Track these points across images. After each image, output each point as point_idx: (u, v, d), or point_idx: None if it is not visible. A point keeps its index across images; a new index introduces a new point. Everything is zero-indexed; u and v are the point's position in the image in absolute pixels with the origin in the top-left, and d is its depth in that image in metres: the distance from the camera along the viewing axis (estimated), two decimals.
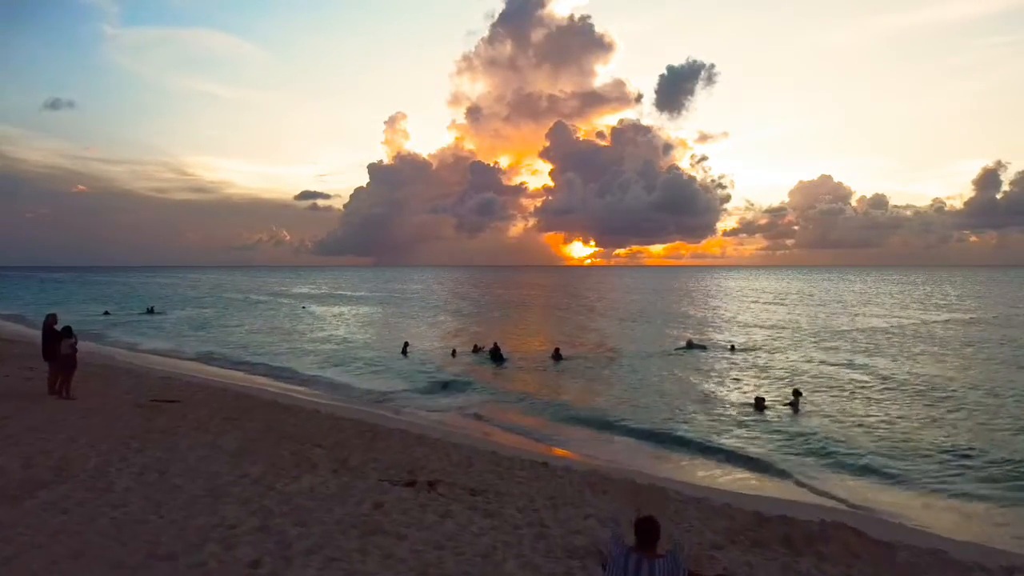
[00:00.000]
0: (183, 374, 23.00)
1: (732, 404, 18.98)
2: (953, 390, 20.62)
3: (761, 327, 41.58)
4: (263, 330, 40.52)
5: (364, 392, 21.04)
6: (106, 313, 51.17)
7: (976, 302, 67.72)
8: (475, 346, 29.93)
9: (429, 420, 16.97)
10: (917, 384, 21.67)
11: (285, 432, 13.42)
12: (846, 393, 20.47)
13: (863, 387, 21.42)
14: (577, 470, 11.90)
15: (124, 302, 67.97)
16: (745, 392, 20.68)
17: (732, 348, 29.88)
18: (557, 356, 27.36)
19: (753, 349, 30.16)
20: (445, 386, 21.46)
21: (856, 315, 50.80)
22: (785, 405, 18.55)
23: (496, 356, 27.41)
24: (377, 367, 26.14)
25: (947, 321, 45.37)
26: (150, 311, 53.35)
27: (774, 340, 34.03)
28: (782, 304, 65.28)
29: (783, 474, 12.76)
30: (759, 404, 18.39)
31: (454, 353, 29.30)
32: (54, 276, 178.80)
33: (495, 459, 12.37)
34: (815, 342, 33.24)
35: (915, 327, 41.06)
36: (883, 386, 21.53)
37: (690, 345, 30.39)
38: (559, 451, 14.27)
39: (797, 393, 19.10)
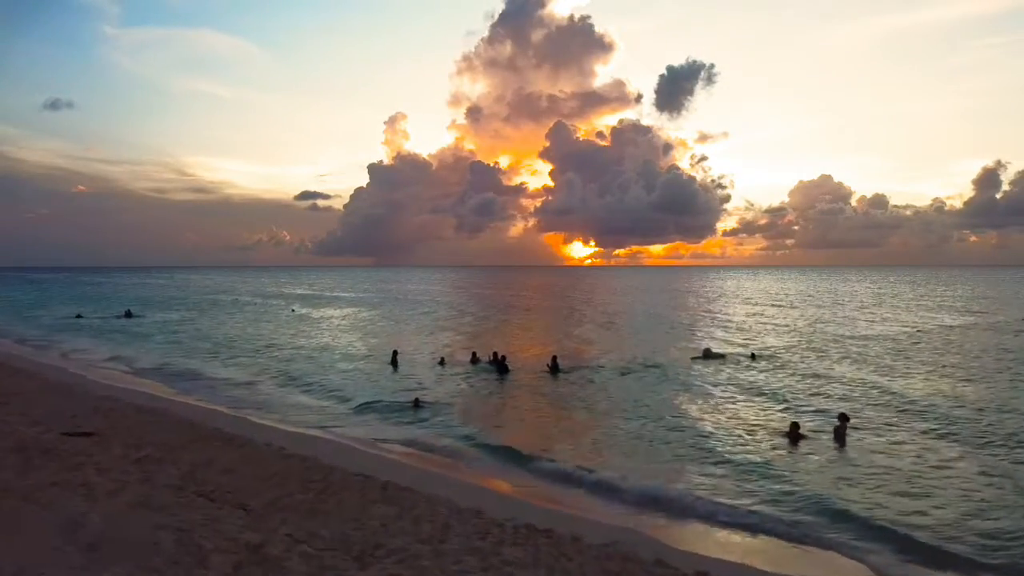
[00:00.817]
0: (128, 390, 19.82)
1: (762, 433, 15.79)
2: (1011, 419, 17.21)
3: (776, 332, 38.42)
4: (241, 336, 37.27)
5: (334, 414, 17.81)
6: (78, 316, 47.92)
7: (990, 304, 64.55)
8: (473, 354, 26.71)
9: (402, 457, 13.75)
10: (965, 408, 18.19)
11: (207, 484, 10.25)
12: (890, 418, 17.21)
13: (904, 409, 18.12)
14: (589, 543, 8.76)
15: (105, 304, 64.79)
16: (775, 414, 17.53)
17: (752, 357, 26.71)
18: (554, 367, 24.15)
19: (774, 358, 26.99)
20: (422, 407, 18.17)
21: (872, 319, 47.64)
22: (827, 434, 15.39)
23: (501, 367, 24.22)
24: (357, 381, 22.98)
25: (970, 326, 42.20)
26: (127, 314, 50.10)
27: (794, 347, 30.88)
28: (791, 306, 62.07)
29: (854, 548, 9.52)
30: (794, 433, 15.21)
31: (443, 362, 26.18)
32: (45, 276, 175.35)
33: (479, 525, 9.23)
34: (838, 350, 30.08)
35: (939, 333, 37.92)
36: (927, 408, 18.21)
37: (707, 355, 27.18)
38: (560, 506, 11.05)
39: (844, 418, 15.91)
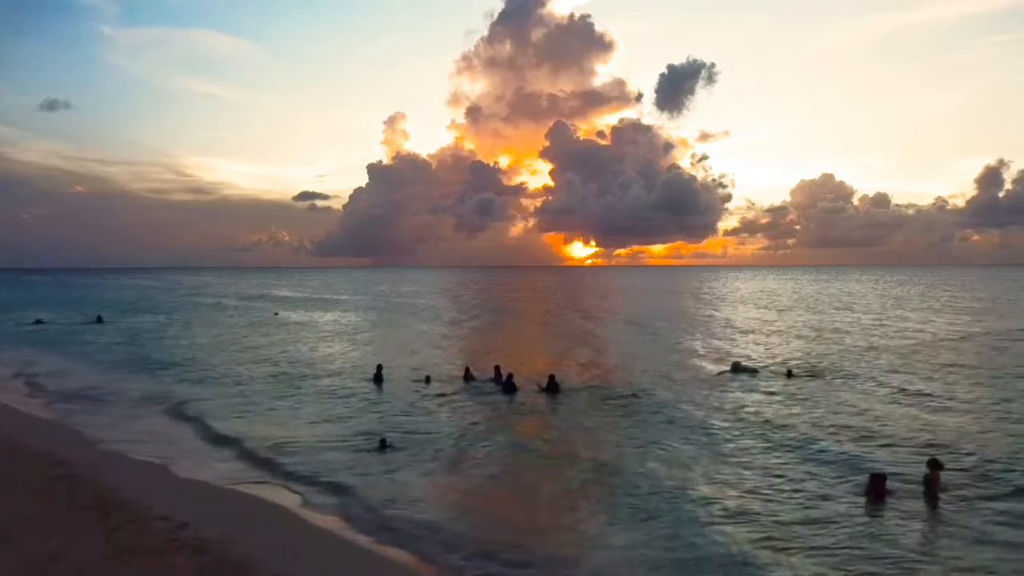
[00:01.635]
0: (29, 421, 15.99)
1: (830, 485, 11.96)
2: None
3: (802, 339, 34.51)
4: (208, 345, 33.49)
5: (281, 458, 13.75)
6: (38, 322, 44.03)
7: (1013, 307, 60.56)
8: (466, 370, 22.96)
9: (345, 535, 9.83)
10: None
11: None
12: (976, 456, 13.43)
13: (983, 446, 14.33)
14: None
15: (83, 307, 60.76)
16: (840, 455, 13.66)
17: (789, 374, 22.77)
18: (552, 387, 20.35)
19: (814, 375, 23.08)
20: (390, 448, 14.26)
21: (900, 323, 43.59)
22: (915, 487, 11.57)
23: (507, 387, 20.62)
24: (324, 406, 19.13)
25: (1013, 335, 38.17)
26: (98, 319, 46.41)
27: (830, 359, 26.88)
28: (809, 310, 57.89)
29: None
30: (879, 488, 11.38)
31: (428, 380, 22.33)
32: (38, 279, 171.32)
33: None
34: (882, 363, 26.13)
35: (981, 341, 33.99)
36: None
37: (736, 369, 23.33)
38: None
39: (935, 465, 12.04)
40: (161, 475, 12.18)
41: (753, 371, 23.29)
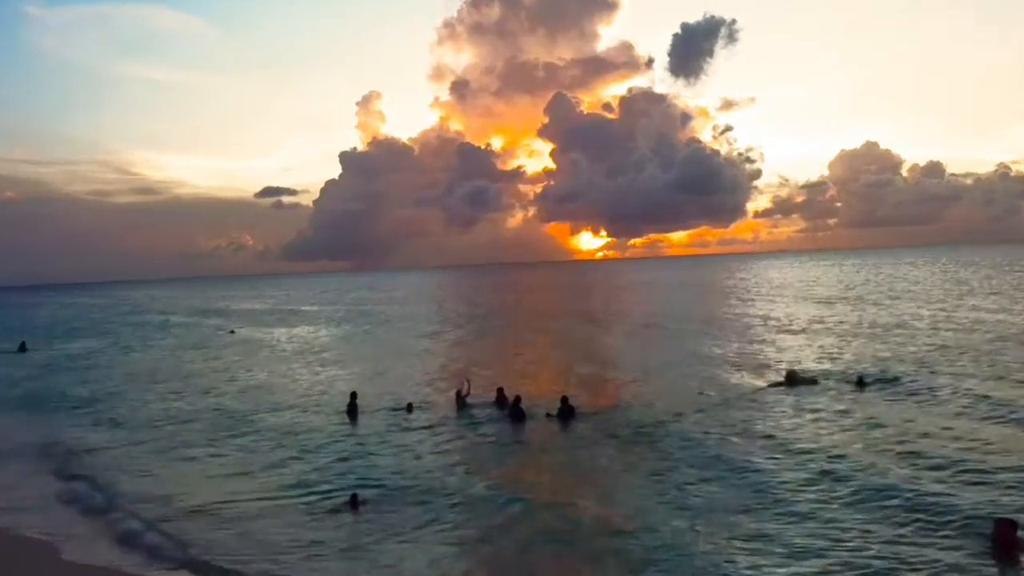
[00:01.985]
0: None
1: (935, 537, 10.45)
2: None
3: (861, 339, 32.92)
4: (146, 373, 32.33)
5: (225, 529, 12.15)
6: None
7: None
8: (457, 393, 21.81)
9: None
10: None
11: None
12: None
13: None
14: None
15: (5, 333, 59.30)
16: (940, 495, 12.08)
17: (860, 383, 21.30)
18: (565, 411, 19.05)
19: (891, 381, 21.62)
20: (363, 506, 12.75)
21: (971, 313, 41.75)
22: None
23: (515, 413, 19.43)
24: (282, 446, 17.82)
25: None
26: (22, 347, 45.37)
27: (901, 363, 25.20)
28: (860, 301, 56.19)
29: None
30: (1009, 537, 9.90)
31: (410, 408, 21.27)
32: None
33: None
34: (963, 365, 24.43)
35: None
36: None
37: (792, 379, 21.84)
38: None
39: None
40: (47, 559, 10.59)
41: (812, 381, 21.79)
